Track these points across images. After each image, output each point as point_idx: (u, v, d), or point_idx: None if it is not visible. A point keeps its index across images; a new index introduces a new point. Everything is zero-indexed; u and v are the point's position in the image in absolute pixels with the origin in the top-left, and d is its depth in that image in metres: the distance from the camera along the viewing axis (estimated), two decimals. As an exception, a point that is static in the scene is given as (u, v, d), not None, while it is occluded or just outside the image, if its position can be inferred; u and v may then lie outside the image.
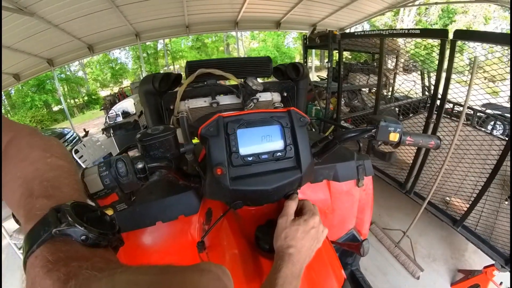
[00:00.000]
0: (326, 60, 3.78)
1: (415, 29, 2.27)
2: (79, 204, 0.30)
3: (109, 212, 0.48)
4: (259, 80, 0.94)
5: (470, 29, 13.78)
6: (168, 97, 0.88)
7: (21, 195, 0.30)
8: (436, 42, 2.19)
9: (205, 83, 0.90)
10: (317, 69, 13.78)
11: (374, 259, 2.24)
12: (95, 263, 0.25)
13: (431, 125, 2.28)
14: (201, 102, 0.88)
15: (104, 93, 16.79)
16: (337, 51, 3.38)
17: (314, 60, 12.73)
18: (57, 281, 0.22)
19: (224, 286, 0.26)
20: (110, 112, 4.14)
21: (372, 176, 1.05)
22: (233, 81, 0.91)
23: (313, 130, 1.78)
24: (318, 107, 4.26)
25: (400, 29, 2.41)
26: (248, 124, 0.58)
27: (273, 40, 18.71)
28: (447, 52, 2.04)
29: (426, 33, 2.28)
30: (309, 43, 4.16)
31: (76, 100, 17.80)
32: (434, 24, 15.25)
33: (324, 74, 5.72)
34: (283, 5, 7.06)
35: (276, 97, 0.97)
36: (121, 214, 0.76)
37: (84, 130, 8.06)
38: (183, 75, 1.00)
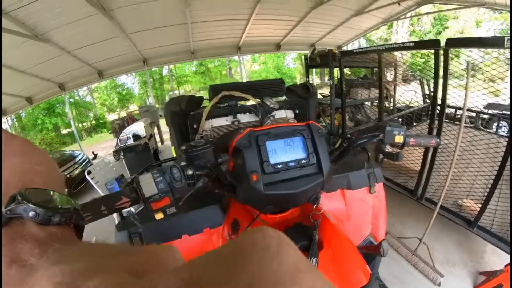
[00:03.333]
0: (327, 77, 3.91)
1: (409, 42, 2.41)
2: (36, 189, 0.29)
3: (159, 215, 0.53)
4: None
5: (463, 33, 14.10)
6: (192, 117, 0.97)
7: None
8: (430, 51, 2.29)
9: (227, 103, 1.01)
10: (317, 87, 14.03)
11: (392, 269, 2.20)
12: (41, 245, 0.23)
13: (434, 131, 2.35)
14: (223, 121, 0.98)
15: (111, 117, 17.14)
16: (337, 68, 3.51)
17: (314, 79, 13.03)
18: (4, 267, 0.21)
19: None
20: (121, 135, 4.25)
21: (383, 183, 1.11)
22: (251, 102, 1.01)
23: None
24: (324, 123, 4.35)
25: (396, 44, 2.55)
26: (275, 137, 0.66)
27: (274, 62, 19.29)
28: (442, 60, 2.13)
29: (419, 45, 2.41)
30: (310, 63, 4.31)
31: (84, 123, 18.21)
32: (428, 33, 15.67)
33: (324, 91, 5.91)
34: (282, 28, 7.42)
35: (289, 114, 1.07)
36: (148, 228, 0.81)
37: (93, 153, 8.22)
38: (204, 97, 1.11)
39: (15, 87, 6.52)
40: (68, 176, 4.62)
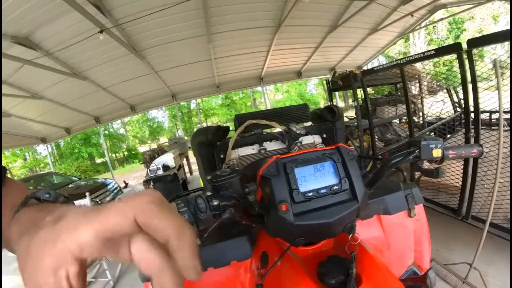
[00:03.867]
0: (351, 100, 3.84)
1: (430, 51, 2.30)
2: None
3: None
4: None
5: (482, 32, 13.36)
6: (219, 147, 0.98)
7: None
8: (453, 56, 2.19)
9: (252, 132, 1.01)
10: (342, 110, 13.79)
11: (442, 304, 1.93)
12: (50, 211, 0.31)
13: (472, 140, 2.14)
14: (250, 150, 0.97)
15: (142, 148, 18.25)
16: (360, 89, 3.46)
17: (338, 102, 12.95)
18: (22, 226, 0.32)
19: None
20: (151, 165, 4.47)
21: (423, 204, 1.01)
22: (276, 129, 1.01)
23: None
24: (353, 147, 4.20)
25: (416, 55, 2.45)
26: (303, 163, 0.62)
27: (296, 90, 19.67)
28: (467, 63, 2.01)
29: (441, 51, 2.28)
30: (332, 87, 4.27)
31: (117, 154, 19.50)
32: (446, 39, 15.19)
33: (350, 114, 5.82)
34: (301, 55, 7.65)
35: (317, 139, 1.04)
36: None
37: (124, 182, 8.63)
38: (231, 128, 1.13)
39: (56, 118, 7.38)
40: (99, 202, 4.85)
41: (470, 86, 2.09)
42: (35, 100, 5.85)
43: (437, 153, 0.69)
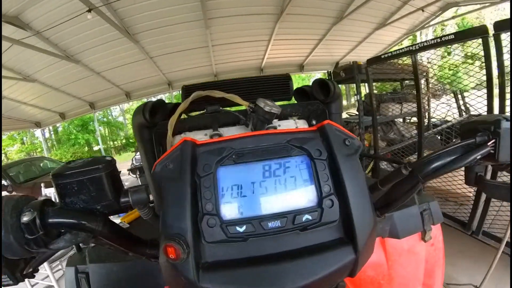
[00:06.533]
0: (353, 99, 3.59)
1: (448, 34, 2.01)
2: None
3: None
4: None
5: None
6: (161, 130, 0.67)
7: None
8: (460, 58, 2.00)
9: (205, 110, 0.69)
10: (344, 108, 13.55)
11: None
12: None
13: None
14: (201, 136, 0.66)
15: (140, 136, 18.26)
16: (364, 82, 3.19)
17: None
18: None
19: None
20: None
21: (441, 223, 0.77)
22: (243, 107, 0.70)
23: None
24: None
25: (432, 40, 2.15)
26: (239, 158, 0.32)
27: (299, 85, 19.30)
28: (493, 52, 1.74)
29: (462, 35, 1.98)
30: (334, 79, 4.00)
31: (115, 142, 19.37)
32: None
33: (352, 111, 5.59)
34: (304, 47, 7.34)
35: (302, 125, 0.71)
36: (97, 270, 0.59)
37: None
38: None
39: (50, 102, 7.18)
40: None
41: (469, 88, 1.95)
42: (27, 83, 5.67)
43: None
